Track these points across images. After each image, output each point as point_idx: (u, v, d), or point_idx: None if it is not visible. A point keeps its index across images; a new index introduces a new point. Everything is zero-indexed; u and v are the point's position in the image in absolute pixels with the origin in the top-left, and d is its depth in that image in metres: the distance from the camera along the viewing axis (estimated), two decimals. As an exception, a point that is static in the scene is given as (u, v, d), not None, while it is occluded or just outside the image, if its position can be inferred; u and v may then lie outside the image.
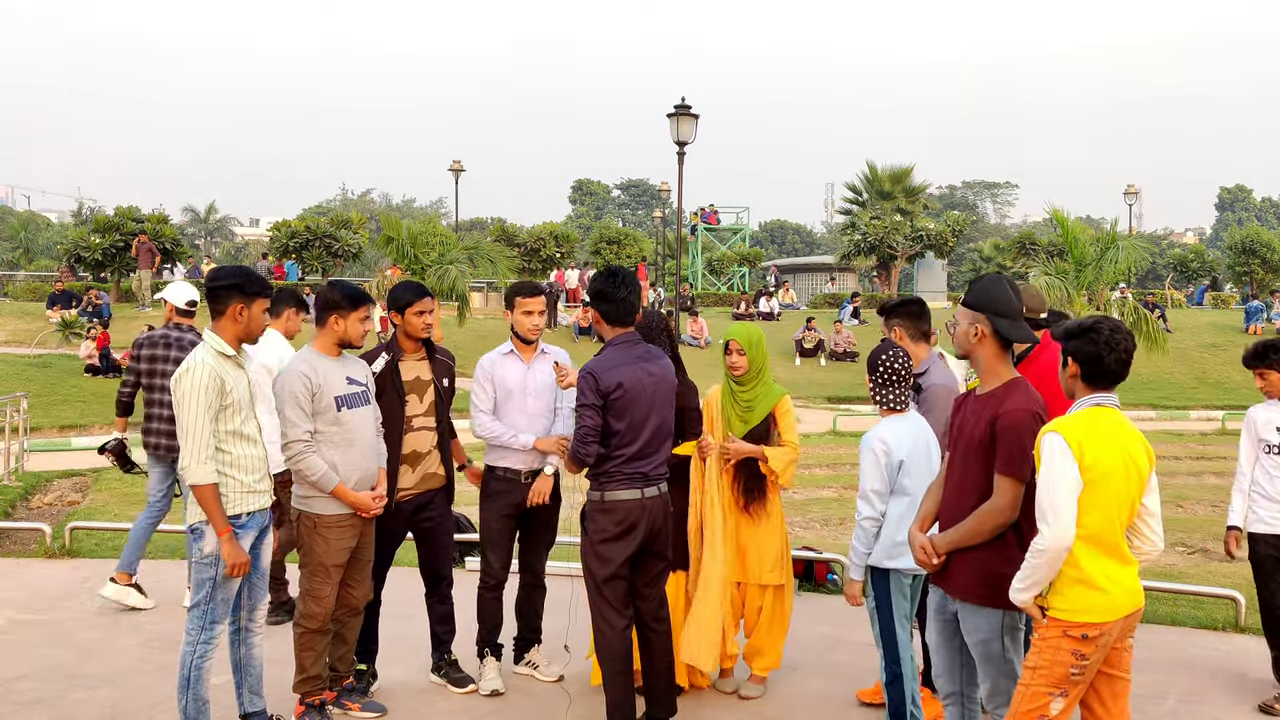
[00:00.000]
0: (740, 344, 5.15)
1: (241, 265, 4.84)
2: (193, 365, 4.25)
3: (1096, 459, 3.40)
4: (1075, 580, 3.43)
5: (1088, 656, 3.44)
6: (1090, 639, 3.42)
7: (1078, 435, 3.42)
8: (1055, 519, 3.37)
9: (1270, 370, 5.28)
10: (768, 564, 5.17)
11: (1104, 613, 3.44)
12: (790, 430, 5.17)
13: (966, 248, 54.62)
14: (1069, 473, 3.38)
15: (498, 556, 5.28)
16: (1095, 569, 3.42)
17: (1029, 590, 3.47)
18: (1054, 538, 3.36)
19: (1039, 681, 3.45)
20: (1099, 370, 3.54)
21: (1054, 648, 3.44)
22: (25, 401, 12.72)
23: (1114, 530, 3.47)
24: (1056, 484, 3.38)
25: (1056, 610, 3.45)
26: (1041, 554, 3.39)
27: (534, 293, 5.34)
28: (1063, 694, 3.45)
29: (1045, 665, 3.45)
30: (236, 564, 4.29)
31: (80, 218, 53.55)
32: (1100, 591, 3.42)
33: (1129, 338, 3.58)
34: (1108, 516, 3.44)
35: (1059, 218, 20.26)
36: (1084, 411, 3.54)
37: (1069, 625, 3.43)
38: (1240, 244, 36.74)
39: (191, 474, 4.20)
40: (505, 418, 5.23)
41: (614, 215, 76.94)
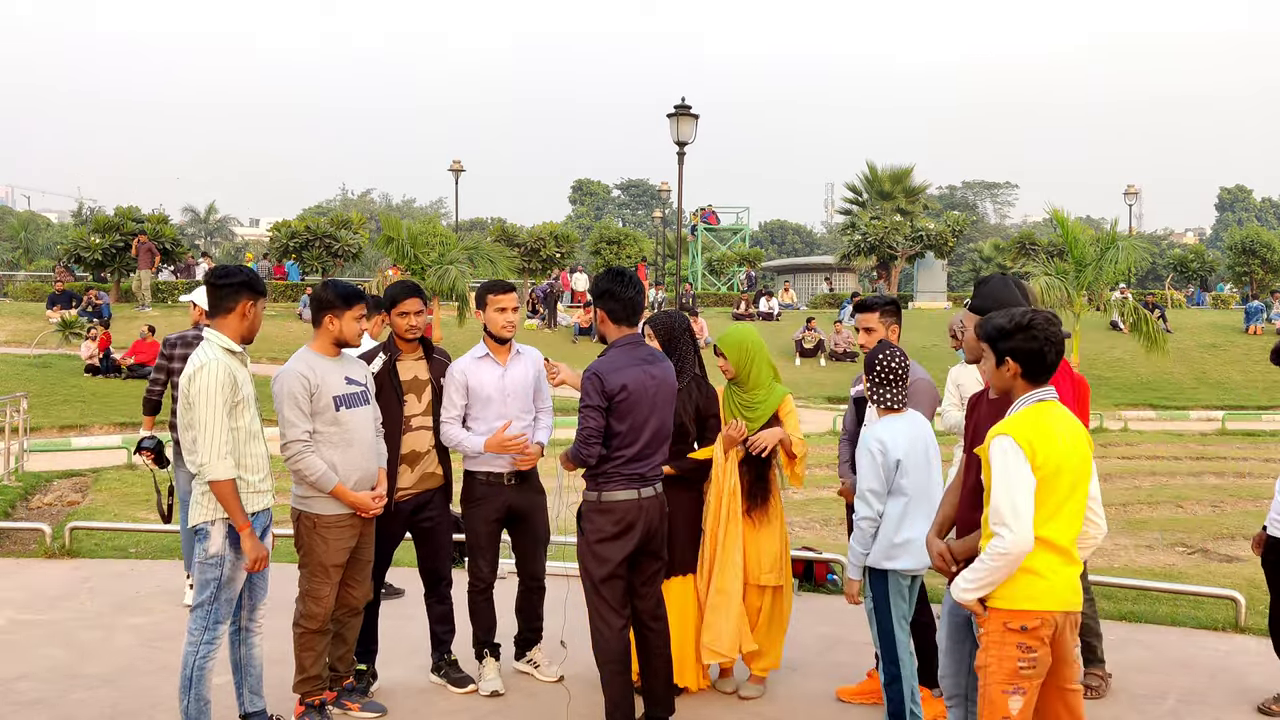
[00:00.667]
0: (722, 348, 5.20)
1: (241, 265, 4.85)
2: (206, 362, 4.25)
3: (1048, 457, 3.37)
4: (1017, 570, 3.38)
5: (1034, 649, 3.39)
6: (1031, 630, 3.38)
7: (1028, 435, 3.39)
8: (1016, 521, 3.32)
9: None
10: (766, 565, 5.17)
11: (1044, 600, 3.39)
12: (795, 428, 5.18)
13: (966, 248, 54.62)
14: (1024, 473, 3.35)
15: (486, 561, 5.26)
16: (1036, 559, 3.38)
17: (978, 592, 3.42)
18: (1016, 541, 3.31)
19: (991, 681, 3.42)
20: (1041, 366, 3.49)
21: (998, 643, 3.41)
22: (25, 401, 12.71)
23: (1065, 527, 3.43)
24: (1014, 486, 3.34)
25: (995, 599, 3.41)
26: (1002, 557, 3.34)
27: (505, 290, 5.27)
28: (1018, 690, 3.40)
29: (994, 662, 3.42)
30: (258, 558, 4.31)
31: (80, 218, 53.55)
32: (1040, 578, 3.39)
33: (1060, 326, 3.54)
34: (1059, 513, 3.41)
35: (1059, 218, 20.30)
36: (1030, 409, 3.49)
37: (1008, 616, 3.39)
38: (1240, 244, 36.73)
39: (211, 470, 4.20)
40: (485, 423, 5.15)
41: (614, 215, 76.92)
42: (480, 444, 5.09)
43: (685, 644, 5.17)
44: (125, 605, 6.73)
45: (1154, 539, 10.55)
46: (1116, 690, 5.37)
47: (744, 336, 5.26)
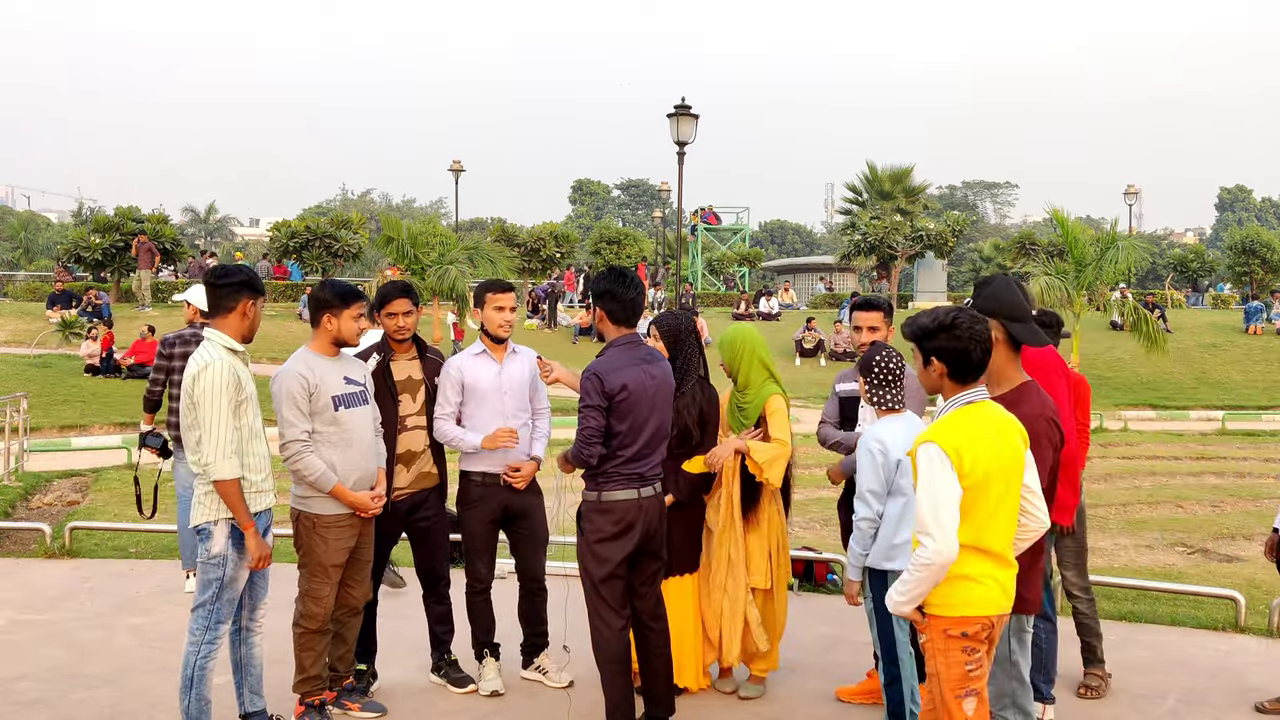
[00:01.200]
0: (718, 348, 5.21)
1: (242, 264, 4.85)
2: (210, 362, 4.25)
3: (975, 464, 3.31)
4: (951, 576, 3.35)
5: (978, 649, 3.39)
6: (971, 635, 3.36)
7: (954, 442, 3.32)
8: (940, 531, 3.27)
9: None
10: (753, 568, 5.16)
11: (981, 605, 3.37)
12: (779, 429, 5.09)
13: (966, 248, 54.62)
14: (949, 482, 3.29)
15: (484, 562, 5.26)
16: (970, 565, 3.35)
17: (910, 603, 3.40)
18: (939, 551, 3.26)
19: (945, 689, 3.40)
20: (967, 366, 3.43)
21: (943, 650, 3.39)
22: (25, 401, 12.71)
23: (995, 532, 3.39)
24: (938, 495, 3.29)
25: (933, 607, 3.39)
26: (926, 567, 3.29)
27: (504, 289, 5.27)
28: (970, 693, 3.39)
29: (943, 669, 3.40)
30: (261, 556, 4.33)
31: (80, 218, 53.55)
32: (976, 583, 3.36)
33: (987, 326, 3.48)
34: (990, 519, 3.36)
35: (1059, 218, 20.30)
36: (957, 413, 3.43)
37: (948, 623, 3.37)
38: (1240, 244, 36.72)
39: (216, 469, 4.21)
40: (480, 420, 5.14)
41: (614, 215, 76.92)
42: (478, 441, 5.09)
43: (685, 644, 5.17)
44: (125, 605, 6.74)
45: (1154, 539, 10.55)
46: (1116, 690, 5.37)
47: (735, 336, 5.25)
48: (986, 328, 3.48)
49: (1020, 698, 3.77)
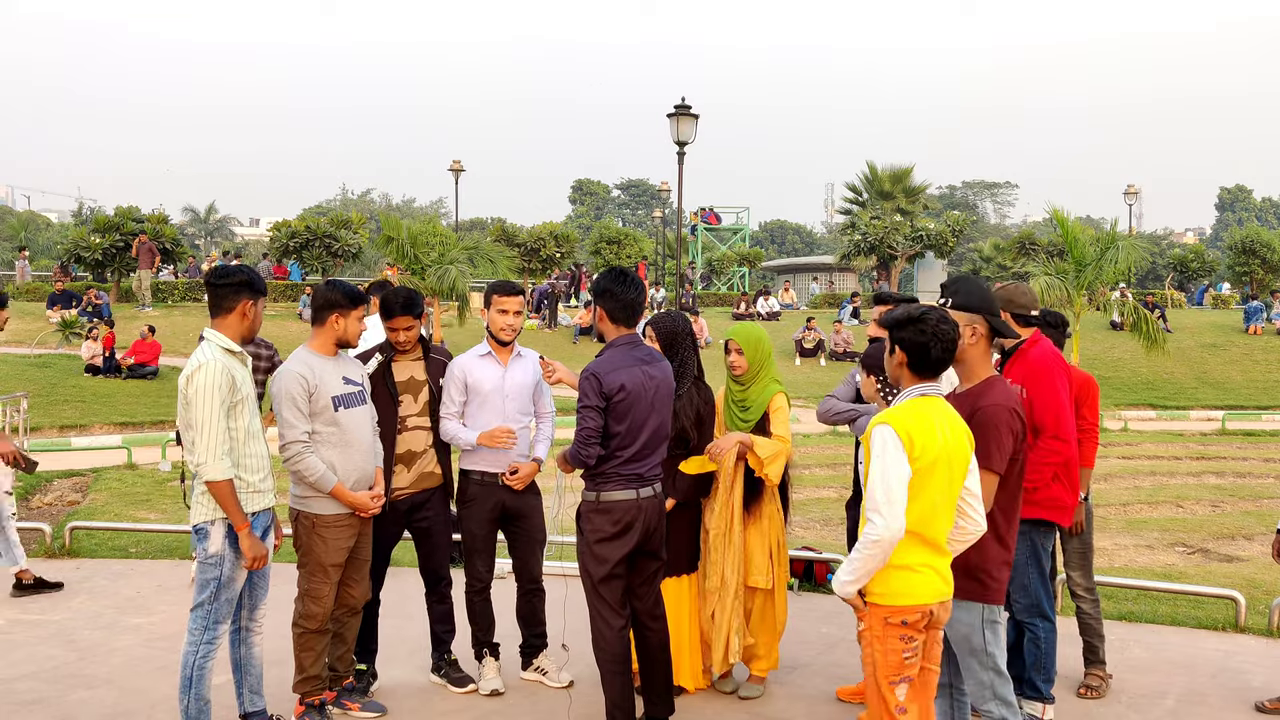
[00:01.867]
0: (739, 343, 5.14)
1: (243, 264, 4.85)
2: (204, 363, 4.25)
3: (925, 449, 3.44)
4: (891, 566, 3.46)
5: (915, 638, 3.48)
6: (910, 624, 3.47)
7: (907, 426, 3.45)
8: (889, 510, 3.38)
9: None
10: (753, 567, 5.17)
11: (920, 594, 3.48)
12: (781, 425, 5.11)
13: (966, 248, 54.63)
14: (901, 464, 3.41)
15: (483, 561, 5.27)
16: (909, 553, 3.46)
17: (857, 583, 3.48)
18: (888, 528, 3.37)
19: (880, 675, 3.50)
20: (925, 360, 3.57)
21: (881, 637, 3.49)
22: (25, 401, 12.71)
23: (936, 521, 3.49)
24: (890, 475, 3.40)
25: (874, 596, 3.49)
26: (875, 544, 3.39)
27: (511, 292, 5.24)
28: (905, 680, 3.49)
29: (880, 656, 3.50)
30: (256, 556, 4.32)
31: (80, 218, 53.55)
32: (914, 573, 3.47)
33: (954, 328, 3.60)
34: (932, 506, 3.48)
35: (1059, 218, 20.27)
36: (911, 401, 3.56)
37: (888, 611, 3.47)
38: (1240, 244, 36.70)
39: (208, 471, 4.21)
40: (481, 421, 5.15)
41: (614, 215, 76.92)
42: (473, 438, 5.10)
43: (683, 644, 5.17)
44: (125, 605, 6.74)
45: (1154, 539, 10.55)
46: (1116, 690, 5.37)
47: (759, 335, 5.25)
48: (952, 329, 3.60)
49: (1000, 688, 3.79)
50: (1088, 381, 5.37)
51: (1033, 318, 4.74)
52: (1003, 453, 3.74)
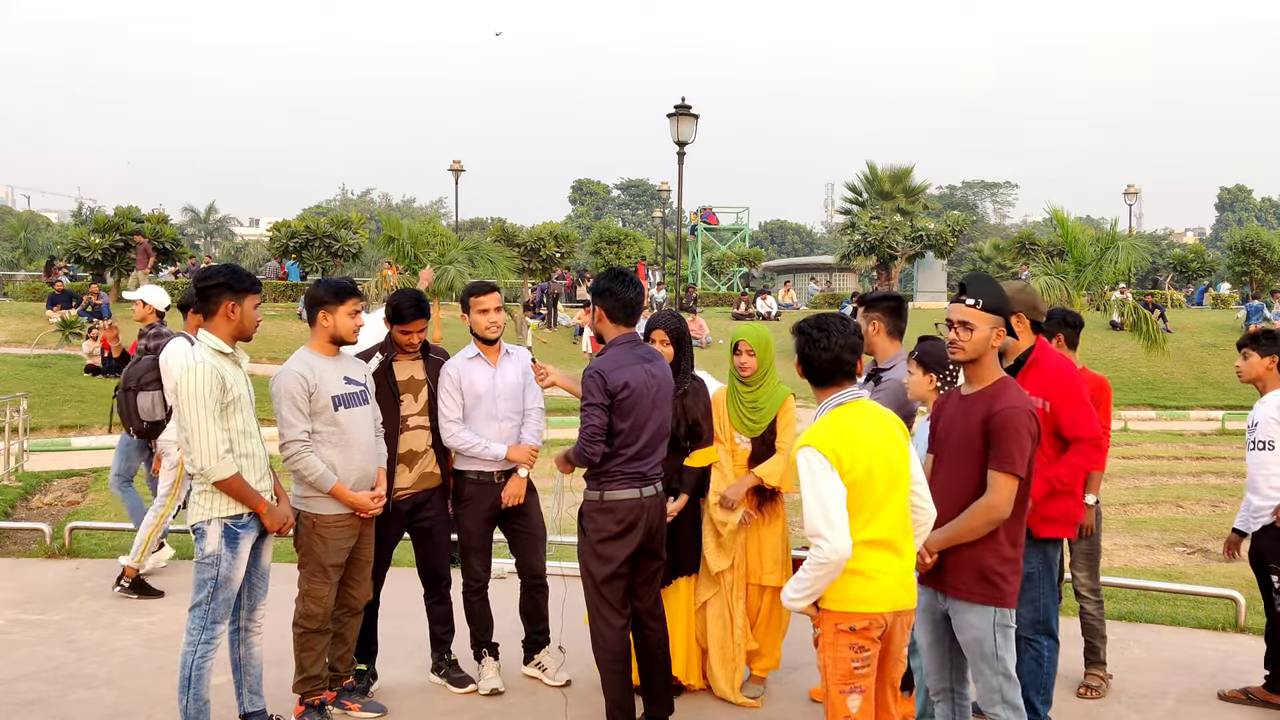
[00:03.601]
0: (750, 344, 5.12)
1: (228, 263, 4.85)
2: (192, 365, 4.26)
3: (854, 461, 3.41)
4: (845, 571, 3.43)
5: (866, 648, 3.45)
6: (860, 630, 3.43)
7: (831, 444, 3.43)
8: (831, 530, 3.35)
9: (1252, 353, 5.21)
10: (768, 565, 5.17)
11: (872, 602, 3.44)
12: (786, 431, 5.12)
13: (966, 248, 54.60)
14: (832, 483, 3.39)
15: (480, 560, 5.27)
16: (864, 560, 3.43)
17: (805, 600, 3.47)
18: (834, 549, 3.35)
19: (830, 683, 3.48)
20: (809, 369, 3.59)
21: (832, 644, 3.47)
22: (25, 401, 12.71)
23: (887, 524, 3.47)
24: (824, 496, 3.38)
25: (827, 602, 3.47)
26: (822, 566, 3.37)
27: (486, 291, 5.27)
28: (855, 690, 3.45)
29: (830, 663, 3.48)
30: (282, 524, 4.44)
31: (80, 218, 53.55)
32: (868, 580, 3.44)
33: (836, 334, 3.56)
34: (879, 512, 3.45)
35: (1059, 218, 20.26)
36: (828, 416, 3.54)
37: (839, 617, 3.45)
38: (1240, 244, 36.71)
39: (212, 473, 4.22)
40: (475, 422, 5.16)
41: (614, 215, 76.91)
42: (503, 451, 5.13)
43: (690, 643, 5.18)
44: (125, 605, 6.74)
45: (1154, 539, 10.55)
46: (1117, 690, 5.37)
47: (768, 336, 5.24)
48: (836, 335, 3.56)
49: (1008, 692, 3.78)
50: (1101, 384, 5.35)
51: (1041, 324, 4.72)
52: (1023, 456, 3.70)
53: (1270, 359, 5.15)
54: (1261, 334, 5.25)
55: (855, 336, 3.61)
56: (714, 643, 5.17)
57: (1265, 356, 5.16)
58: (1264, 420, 5.15)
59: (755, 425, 5.11)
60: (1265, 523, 5.12)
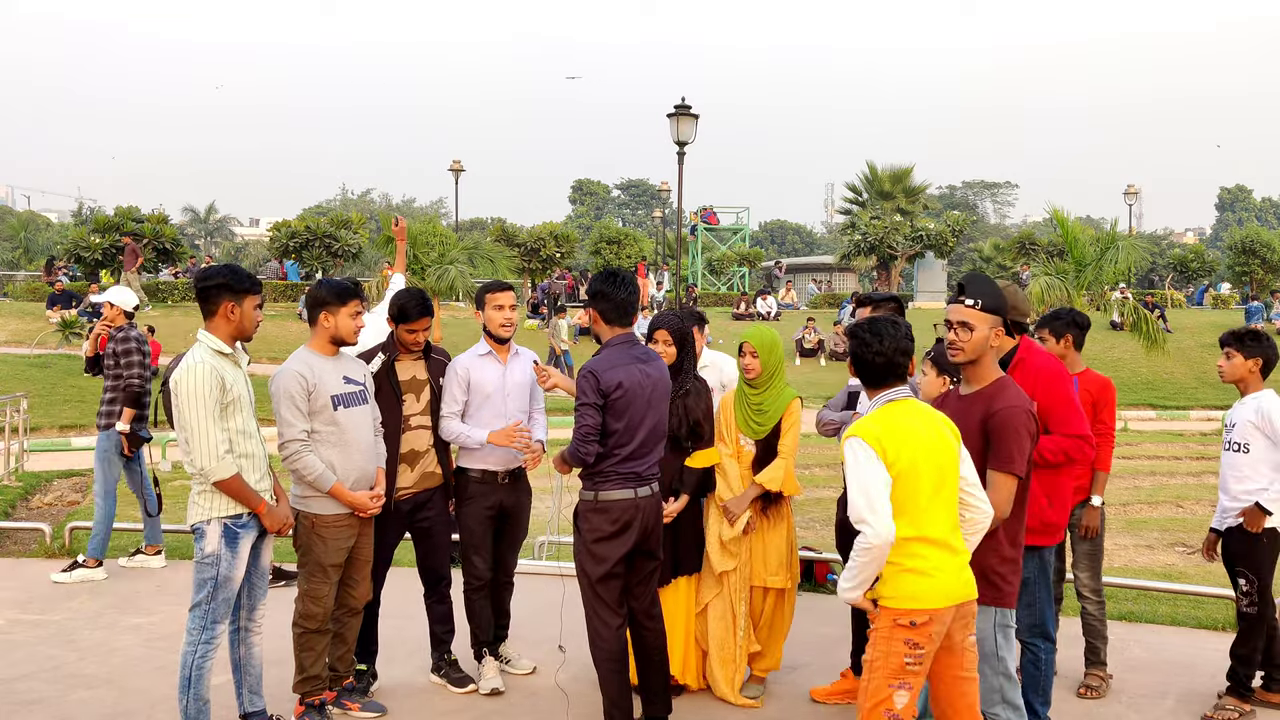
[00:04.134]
0: (754, 346, 5.11)
1: (229, 264, 4.86)
2: (191, 365, 4.26)
3: (899, 454, 3.47)
4: (902, 569, 3.47)
5: (921, 645, 3.46)
6: (919, 626, 3.45)
7: (875, 433, 3.49)
8: (874, 516, 3.41)
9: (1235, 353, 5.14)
10: (772, 567, 5.16)
11: (931, 599, 3.47)
12: (789, 434, 5.11)
13: (966, 248, 54.60)
14: (876, 470, 3.45)
15: (482, 558, 5.28)
16: (920, 558, 3.47)
17: (857, 589, 3.50)
18: (877, 534, 3.40)
19: (877, 675, 3.49)
20: (863, 370, 3.66)
21: (886, 638, 3.49)
22: (25, 401, 12.71)
23: (934, 519, 3.50)
24: (867, 483, 3.44)
25: (885, 599, 3.50)
26: (867, 551, 3.42)
27: (502, 289, 5.36)
28: (903, 685, 3.47)
29: (880, 657, 3.49)
30: (281, 524, 4.44)
31: (80, 218, 53.56)
32: (926, 576, 3.47)
33: (888, 335, 3.61)
34: (928, 509, 3.48)
35: (1059, 218, 20.26)
36: (879, 410, 3.60)
37: (897, 614, 3.47)
38: (1240, 244, 36.73)
39: (212, 473, 4.23)
40: (481, 419, 5.18)
41: (614, 215, 76.92)
42: (483, 436, 5.12)
43: (689, 643, 5.18)
44: (125, 605, 6.74)
45: (1154, 539, 10.55)
46: (1117, 690, 5.37)
47: (773, 338, 5.22)
48: (885, 339, 3.61)
49: (1009, 692, 3.79)
50: (1105, 384, 5.34)
51: (1025, 325, 4.69)
52: (1023, 455, 3.73)
53: (1254, 360, 5.10)
54: (1246, 334, 5.18)
55: (907, 340, 3.68)
56: (715, 644, 5.17)
57: (1249, 358, 5.11)
58: (1241, 422, 5.10)
59: (760, 427, 5.11)
60: (1232, 524, 5.09)
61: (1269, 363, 5.10)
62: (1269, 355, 5.10)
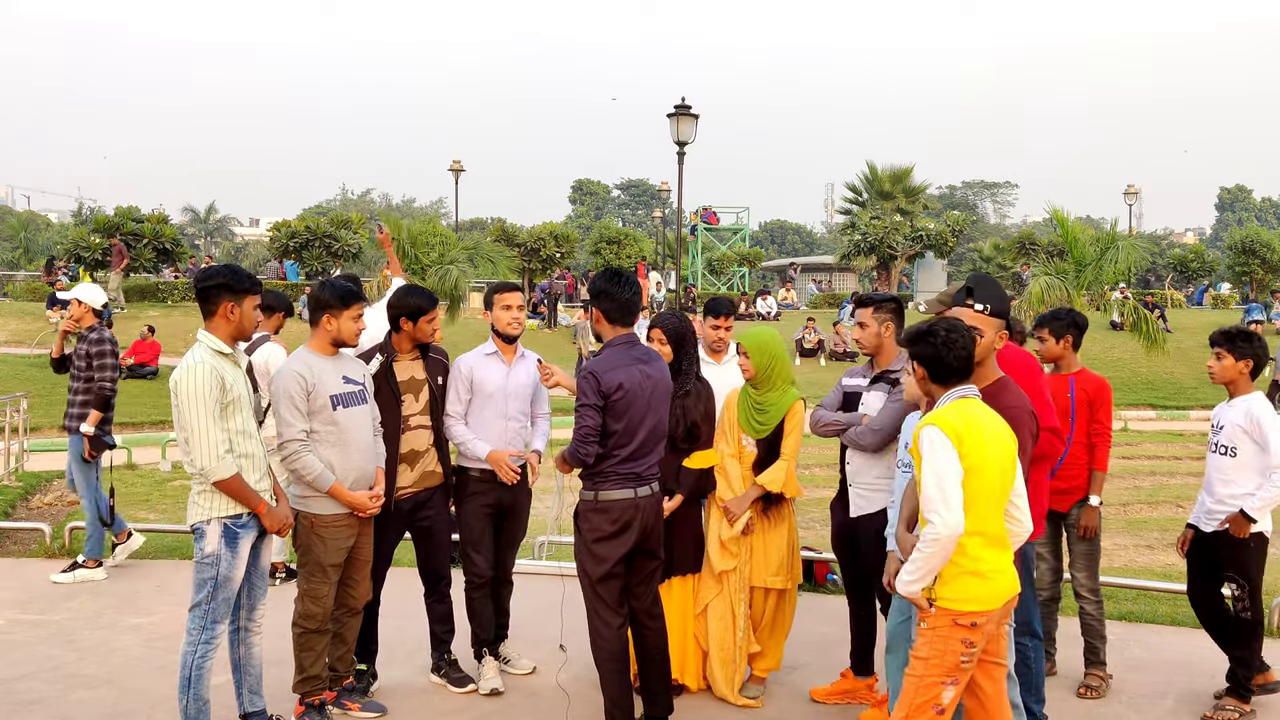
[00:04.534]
0: (745, 347, 5.11)
1: (229, 264, 4.85)
2: (191, 365, 4.27)
3: (973, 447, 3.50)
4: (963, 570, 3.50)
5: (975, 644, 3.52)
6: (978, 626, 3.51)
7: (954, 425, 3.51)
8: (946, 508, 3.43)
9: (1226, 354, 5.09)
10: (773, 568, 5.16)
11: (990, 600, 3.53)
12: (791, 436, 5.09)
13: (966, 248, 54.60)
14: (951, 460, 3.46)
15: (482, 556, 5.28)
16: (981, 558, 3.51)
17: (920, 582, 3.51)
18: (946, 525, 3.42)
19: (931, 672, 3.51)
20: (942, 369, 3.65)
21: (944, 637, 3.51)
22: (25, 401, 12.71)
23: (995, 517, 3.56)
24: (943, 474, 3.45)
25: (945, 600, 3.52)
26: (935, 543, 3.44)
27: (510, 289, 5.41)
28: (953, 682, 3.52)
29: (936, 655, 3.51)
30: (281, 524, 4.45)
31: (80, 218, 53.57)
32: (985, 579, 3.51)
33: (965, 335, 3.69)
34: (989, 503, 3.53)
35: (1059, 218, 20.26)
36: (955, 404, 3.62)
37: (958, 615, 3.49)
38: (1240, 244, 36.74)
39: (213, 473, 4.23)
40: (483, 420, 5.20)
41: (614, 215, 76.93)
42: (485, 452, 5.14)
43: (688, 644, 5.18)
44: (125, 605, 6.74)
45: (1154, 539, 10.54)
46: (1117, 690, 5.37)
47: (767, 338, 5.20)
48: (964, 335, 3.66)
49: (1009, 691, 3.81)
50: (1101, 384, 5.32)
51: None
52: (1025, 455, 3.79)
53: (1245, 362, 5.07)
54: (1237, 334, 5.12)
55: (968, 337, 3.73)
56: (715, 644, 5.17)
57: (1240, 359, 5.07)
58: (1230, 425, 5.05)
59: (761, 427, 5.10)
60: (1218, 528, 5.06)
61: (1259, 364, 5.09)
62: (1259, 356, 5.08)
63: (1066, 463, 5.20)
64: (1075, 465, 5.27)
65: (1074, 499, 5.28)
